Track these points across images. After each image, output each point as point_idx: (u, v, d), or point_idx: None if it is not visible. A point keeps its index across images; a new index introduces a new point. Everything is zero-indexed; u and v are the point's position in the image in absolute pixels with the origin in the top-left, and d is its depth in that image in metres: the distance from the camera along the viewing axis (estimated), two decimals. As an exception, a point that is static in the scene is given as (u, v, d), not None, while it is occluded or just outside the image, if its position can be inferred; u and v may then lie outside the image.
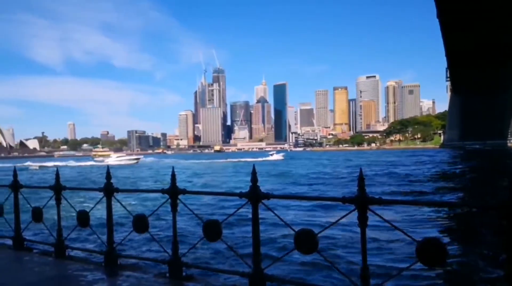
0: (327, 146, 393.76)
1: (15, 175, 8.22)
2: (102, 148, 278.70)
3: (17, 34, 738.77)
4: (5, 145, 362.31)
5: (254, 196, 5.10)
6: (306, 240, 4.66)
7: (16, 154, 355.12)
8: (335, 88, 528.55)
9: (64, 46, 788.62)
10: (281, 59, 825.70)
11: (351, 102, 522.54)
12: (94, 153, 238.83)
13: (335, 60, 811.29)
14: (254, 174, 5.12)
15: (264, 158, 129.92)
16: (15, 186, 8.19)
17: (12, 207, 8.32)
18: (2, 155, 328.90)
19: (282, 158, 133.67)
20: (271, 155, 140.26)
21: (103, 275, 6.26)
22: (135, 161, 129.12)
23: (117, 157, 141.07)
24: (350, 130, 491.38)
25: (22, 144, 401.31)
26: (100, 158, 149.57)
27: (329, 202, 18.87)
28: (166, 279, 5.85)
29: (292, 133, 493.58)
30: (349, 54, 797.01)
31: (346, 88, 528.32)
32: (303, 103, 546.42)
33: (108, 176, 6.66)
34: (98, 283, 5.81)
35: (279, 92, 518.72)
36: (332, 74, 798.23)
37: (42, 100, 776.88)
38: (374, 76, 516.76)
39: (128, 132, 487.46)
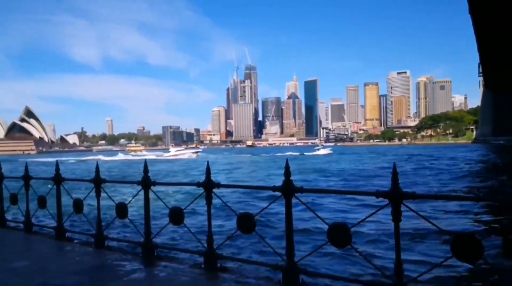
0: (358, 141, 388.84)
1: (57, 168, 8.57)
2: (135, 143, 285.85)
3: (58, 34, 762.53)
4: (46, 140, 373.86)
5: (288, 190, 5.16)
6: (339, 233, 4.69)
7: (57, 148, 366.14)
8: (365, 84, 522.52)
9: (102, 45, 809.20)
10: (312, 56, 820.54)
11: (381, 98, 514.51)
12: (128, 148, 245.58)
13: (365, 56, 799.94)
14: (287, 168, 5.18)
15: (311, 153, 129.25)
16: (57, 179, 8.52)
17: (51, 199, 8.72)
18: (44, 149, 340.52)
19: (330, 152, 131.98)
20: (318, 149, 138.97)
21: (141, 265, 6.47)
22: (195, 155, 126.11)
23: (176, 151, 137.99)
24: (380, 125, 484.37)
25: (62, 139, 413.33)
26: (143, 152, 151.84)
27: (363, 197, 18.83)
28: (201, 270, 5.99)
29: (323, 128, 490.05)
30: (380, 50, 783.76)
31: (377, 84, 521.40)
32: (334, 98, 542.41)
33: (146, 169, 6.86)
34: (136, 273, 6.02)
35: (310, 88, 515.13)
36: (363, 70, 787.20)
37: (81, 97, 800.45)
38: (405, 72, 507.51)
39: (163, 127, 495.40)
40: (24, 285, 5.64)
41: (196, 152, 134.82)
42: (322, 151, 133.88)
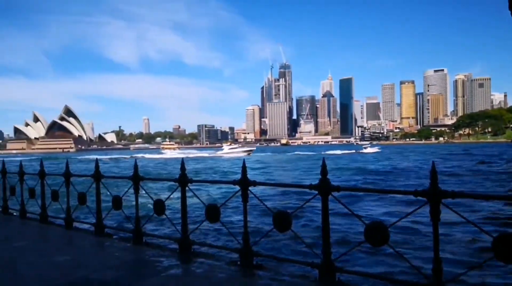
0: (394, 139, 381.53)
1: (96, 166, 8.78)
2: (169, 142, 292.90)
3: (97, 35, 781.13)
4: (85, 138, 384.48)
5: (324, 188, 5.13)
6: (376, 232, 4.63)
7: (95, 146, 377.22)
8: (401, 82, 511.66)
9: (139, 46, 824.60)
10: (347, 54, 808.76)
11: (418, 96, 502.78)
12: (162, 146, 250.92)
13: (402, 54, 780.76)
14: (324, 167, 5.14)
15: (358, 151, 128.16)
16: (97, 176, 8.74)
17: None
18: (83, 147, 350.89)
19: (378, 150, 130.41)
20: (365, 148, 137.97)
21: (178, 261, 6.56)
22: (248, 153, 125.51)
23: (230, 149, 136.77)
24: (417, 124, 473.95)
25: (100, 137, 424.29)
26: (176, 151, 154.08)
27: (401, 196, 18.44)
28: (237, 267, 6.02)
29: (358, 126, 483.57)
30: (417, 48, 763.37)
31: (413, 82, 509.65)
32: (369, 97, 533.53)
33: (183, 167, 6.95)
34: (173, 269, 6.10)
35: (345, 86, 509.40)
36: (399, 68, 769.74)
37: (119, 96, 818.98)
38: (442, 70, 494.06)
39: (198, 126, 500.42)
40: (66, 279, 5.79)
41: (250, 150, 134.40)
42: (370, 150, 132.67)
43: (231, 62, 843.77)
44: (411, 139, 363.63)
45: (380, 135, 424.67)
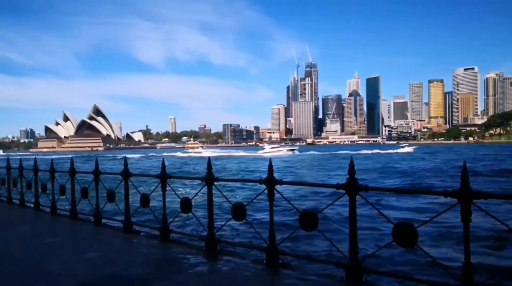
0: (422, 139, 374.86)
1: (125, 164, 8.93)
2: (194, 141, 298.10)
3: (125, 36, 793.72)
4: (113, 137, 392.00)
5: (352, 188, 5.08)
6: (405, 233, 4.56)
7: (123, 145, 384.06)
8: (430, 81, 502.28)
9: (166, 46, 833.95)
10: (374, 52, 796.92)
11: (447, 95, 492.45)
12: (186, 145, 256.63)
13: (430, 52, 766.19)
14: (351, 166, 5.09)
15: (395, 150, 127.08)
16: (126, 174, 8.89)
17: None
18: (111, 146, 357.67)
19: (412, 150, 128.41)
20: (402, 147, 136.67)
21: (204, 259, 6.61)
22: (291, 152, 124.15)
23: (271, 148, 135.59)
24: (445, 123, 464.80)
25: (128, 136, 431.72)
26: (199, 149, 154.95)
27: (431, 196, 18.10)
28: (263, 265, 6.03)
29: (385, 126, 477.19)
30: (445, 46, 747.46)
31: (441, 80, 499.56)
32: (397, 96, 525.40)
33: (209, 166, 7.00)
34: (200, 266, 6.15)
35: (372, 85, 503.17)
36: (427, 66, 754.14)
37: (146, 96, 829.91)
38: (473, 68, 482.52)
39: (224, 125, 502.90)
40: (95, 274, 5.91)
41: (292, 149, 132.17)
42: (406, 149, 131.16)
43: (257, 62, 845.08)
44: (439, 139, 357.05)
45: (408, 134, 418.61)
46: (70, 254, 7.20)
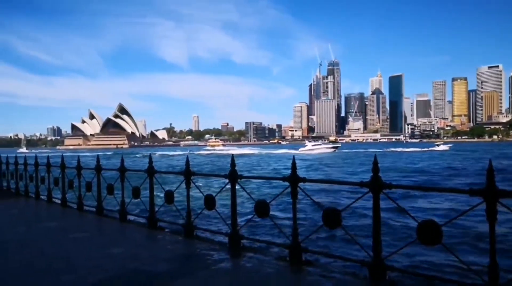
0: (445, 137, 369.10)
1: (150, 162, 9.06)
2: (215, 139, 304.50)
3: (149, 35, 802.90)
4: (138, 135, 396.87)
5: (376, 185, 5.05)
6: (429, 231, 4.51)
7: (147, 143, 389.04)
8: (453, 79, 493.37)
9: (189, 45, 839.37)
10: (397, 51, 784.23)
11: (470, 93, 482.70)
12: (208, 143, 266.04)
13: (454, 51, 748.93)
14: (375, 164, 5.06)
15: (430, 148, 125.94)
16: (150, 171, 9.01)
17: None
18: (135, 143, 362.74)
19: (448, 149, 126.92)
20: (437, 146, 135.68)
21: (227, 255, 6.66)
22: (333, 149, 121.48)
23: (313, 145, 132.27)
24: (469, 121, 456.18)
25: (152, 134, 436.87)
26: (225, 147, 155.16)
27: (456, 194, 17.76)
28: (286, 262, 6.04)
29: (407, 124, 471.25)
30: (469, 44, 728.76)
31: (465, 79, 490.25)
32: (420, 94, 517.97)
33: (233, 163, 7.04)
34: (223, 262, 6.20)
35: (395, 83, 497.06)
36: (451, 64, 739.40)
37: (170, 95, 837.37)
38: (497, 66, 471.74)
39: (246, 123, 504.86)
40: (120, 270, 6.02)
41: (335, 146, 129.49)
42: (442, 147, 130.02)
43: (279, 60, 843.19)
44: (463, 137, 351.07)
45: (431, 132, 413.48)
46: (96, 249, 7.35)
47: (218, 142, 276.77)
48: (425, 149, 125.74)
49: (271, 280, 5.41)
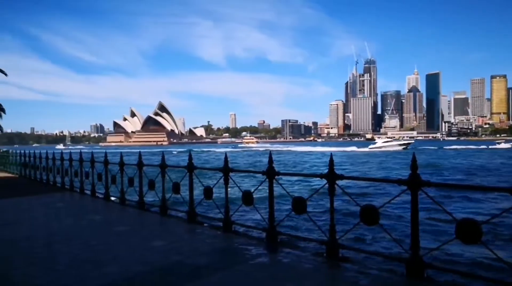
0: (483, 136, 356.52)
1: (190, 158, 9.29)
2: (250, 137, 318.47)
3: (187, 35, 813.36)
4: (177, 133, 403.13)
5: (414, 183, 5.03)
6: (468, 230, 4.48)
7: (186, 140, 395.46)
8: (492, 77, 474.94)
9: (226, 44, 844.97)
10: (434, 48, 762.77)
11: (510, 91, 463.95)
12: (243, 140, 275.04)
13: (493, 48, 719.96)
14: (414, 161, 5.05)
15: (491, 146, 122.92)
16: (190, 167, 9.25)
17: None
18: (175, 141, 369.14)
19: (510, 146, 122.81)
20: (499, 144, 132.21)
21: (265, 250, 6.77)
22: (404, 147, 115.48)
23: (383, 142, 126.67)
24: (508, 119, 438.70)
25: (191, 131, 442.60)
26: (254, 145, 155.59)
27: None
28: (323, 258, 6.10)
29: (444, 122, 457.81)
30: (509, 41, 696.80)
31: (505, 76, 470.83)
32: (457, 92, 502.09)
33: (270, 160, 7.15)
34: (261, 257, 6.32)
35: (432, 81, 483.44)
36: (490, 62, 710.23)
37: (208, 93, 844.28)
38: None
39: (282, 121, 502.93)
40: (163, 262, 6.22)
41: (407, 143, 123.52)
42: (503, 145, 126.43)
43: (314, 58, 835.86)
44: (501, 135, 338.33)
45: (468, 130, 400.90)
46: (138, 242, 7.61)
47: (252, 139, 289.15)
48: (483, 147, 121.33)
49: (309, 275, 5.47)
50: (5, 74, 24.34)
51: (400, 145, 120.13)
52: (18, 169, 26.36)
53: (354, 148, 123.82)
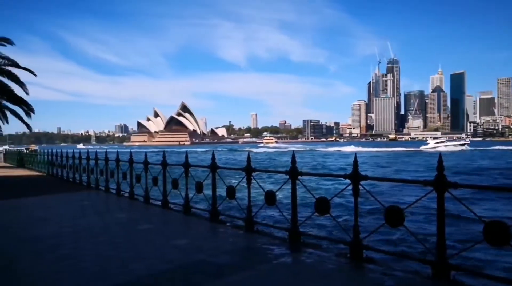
0: (510, 136, 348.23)
1: (213, 158, 9.36)
2: (269, 137, 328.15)
3: (210, 36, 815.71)
4: (199, 132, 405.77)
5: (440, 184, 4.96)
6: (497, 232, 4.40)
7: (207, 140, 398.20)
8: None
9: (248, 45, 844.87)
10: (458, 47, 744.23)
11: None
12: (264, 140, 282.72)
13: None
14: (440, 163, 4.98)
15: None
16: (213, 167, 9.32)
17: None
18: (197, 140, 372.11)
19: None
20: None
21: (288, 250, 6.76)
22: (462, 147, 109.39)
23: (436, 143, 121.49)
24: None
25: (212, 131, 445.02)
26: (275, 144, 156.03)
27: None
28: (347, 259, 6.06)
29: (469, 122, 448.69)
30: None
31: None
32: (483, 91, 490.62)
33: (293, 160, 7.14)
34: (284, 257, 6.31)
35: (457, 81, 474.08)
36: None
37: (229, 93, 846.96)
38: None
39: (303, 121, 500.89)
40: (186, 260, 6.29)
41: (463, 143, 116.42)
42: None
43: (336, 59, 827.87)
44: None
45: (494, 131, 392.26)
46: (162, 240, 7.70)
47: (271, 139, 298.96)
48: None
49: (333, 276, 5.45)
50: (34, 74, 24.90)
51: (457, 145, 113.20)
52: (46, 167, 27.00)
53: (401, 148, 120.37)
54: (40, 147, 51.53)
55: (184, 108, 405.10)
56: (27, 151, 39.09)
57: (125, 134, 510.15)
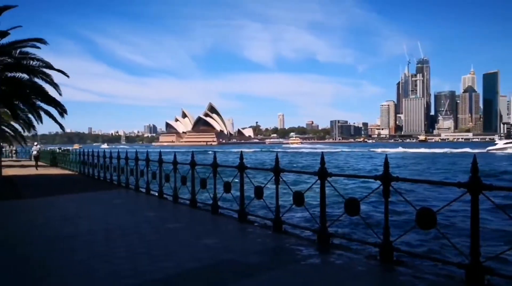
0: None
1: (241, 158, 9.42)
2: (295, 137, 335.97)
3: (237, 37, 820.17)
4: (226, 133, 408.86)
5: (474, 186, 4.86)
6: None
7: (234, 140, 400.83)
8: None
9: (274, 46, 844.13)
10: (491, 46, 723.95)
11: None
12: (290, 141, 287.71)
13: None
14: (474, 164, 4.88)
15: None
16: (241, 167, 9.37)
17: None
18: (224, 141, 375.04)
19: None
20: None
21: (316, 251, 6.73)
22: None
23: (505, 143, 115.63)
24: None
25: (239, 132, 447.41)
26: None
27: None
28: (376, 261, 5.99)
29: (503, 123, 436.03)
30: None
31: None
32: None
33: (322, 161, 7.11)
34: (312, 258, 6.29)
35: (490, 81, 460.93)
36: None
37: (257, 94, 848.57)
38: None
39: (331, 121, 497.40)
40: (215, 259, 6.32)
41: None
42: None
43: (364, 59, 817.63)
44: None
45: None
46: (191, 239, 7.79)
47: (296, 140, 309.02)
48: None
49: (362, 277, 5.40)
50: (67, 76, 25.49)
51: None
52: (78, 166, 27.68)
53: (467, 149, 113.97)
54: (84, 147, 52.96)
55: (212, 109, 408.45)
56: (59, 151, 40.17)
57: (154, 135, 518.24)
